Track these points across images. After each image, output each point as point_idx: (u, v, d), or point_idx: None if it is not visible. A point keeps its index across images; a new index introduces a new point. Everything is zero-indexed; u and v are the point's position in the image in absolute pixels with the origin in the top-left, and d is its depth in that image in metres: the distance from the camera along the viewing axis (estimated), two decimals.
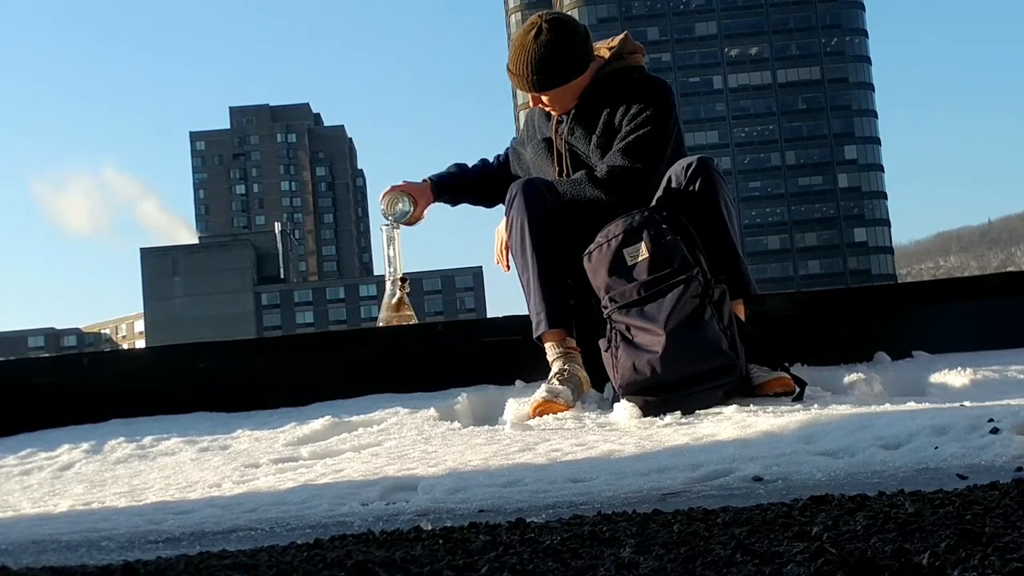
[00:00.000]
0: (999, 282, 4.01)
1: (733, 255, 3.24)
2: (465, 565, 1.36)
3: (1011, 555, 1.19)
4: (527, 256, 3.28)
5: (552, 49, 3.31)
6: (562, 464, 2.32)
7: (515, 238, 3.32)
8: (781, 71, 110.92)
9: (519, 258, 3.32)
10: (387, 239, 4.02)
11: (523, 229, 3.28)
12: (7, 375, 4.03)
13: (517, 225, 3.30)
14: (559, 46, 3.32)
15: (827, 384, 3.21)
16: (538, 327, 3.28)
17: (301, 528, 1.91)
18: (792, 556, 1.26)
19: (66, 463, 3.11)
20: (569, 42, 3.34)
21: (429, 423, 3.11)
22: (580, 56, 3.36)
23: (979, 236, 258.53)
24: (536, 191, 3.32)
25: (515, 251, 3.34)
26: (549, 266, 3.27)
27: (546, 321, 3.25)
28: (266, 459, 2.80)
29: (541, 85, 3.35)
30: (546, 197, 3.32)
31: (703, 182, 3.19)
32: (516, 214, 3.31)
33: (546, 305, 3.25)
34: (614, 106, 3.38)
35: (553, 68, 3.33)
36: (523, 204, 3.29)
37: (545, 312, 3.25)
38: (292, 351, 4.12)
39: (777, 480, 2.01)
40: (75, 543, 1.91)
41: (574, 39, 3.35)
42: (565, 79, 3.34)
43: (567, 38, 3.34)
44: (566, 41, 3.33)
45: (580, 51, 3.36)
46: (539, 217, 3.28)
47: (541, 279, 3.26)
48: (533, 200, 3.29)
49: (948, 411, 2.43)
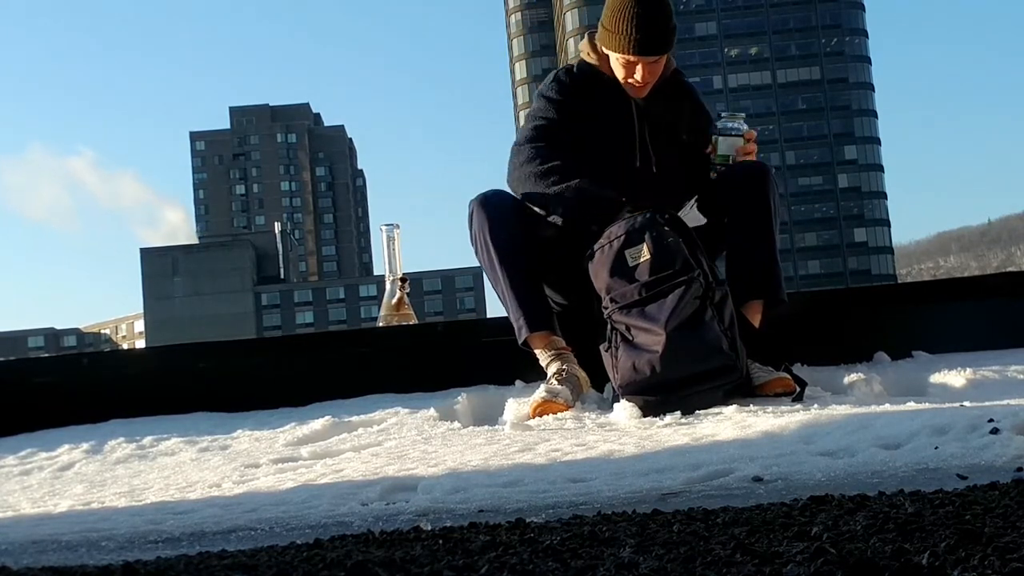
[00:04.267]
0: (999, 282, 4.01)
1: (770, 257, 3.28)
2: (465, 565, 1.36)
3: (1011, 555, 1.19)
4: (495, 267, 3.29)
5: (668, 10, 3.26)
6: (562, 464, 2.32)
7: (481, 253, 3.33)
8: (781, 71, 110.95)
9: (490, 273, 3.34)
10: (387, 239, 4.02)
11: (486, 242, 3.29)
12: (7, 375, 4.03)
13: (480, 240, 3.32)
14: (670, 9, 3.28)
15: (827, 384, 3.21)
16: (520, 333, 3.29)
17: (301, 528, 1.91)
18: (792, 556, 1.26)
19: (66, 463, 3.11)
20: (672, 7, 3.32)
21: (429, 423, 3.11)
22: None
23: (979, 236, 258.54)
24: (494, 201, 3.32)
25: (484, 266, 3.36)
26: (519, 273, 3.28)
27: (526, 326, 3.27)
28: (266, 459, 2.79)
29: (670, 40, 3.25)
30: (507, 208, 3.31)
31: (759, 183, 3.26)
32: (477, 229, 3.31)
33: (522, 310, 3.27)
34: (687, 103, 3.43)
35: (671, 28, 3.27)
36: (482, 217, 3.30)
37: (523, 317, 3.27)
38: (292, 351, 4.12)
39: (777, 480, 2.01)
40: (75, 543, 1.91)
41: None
42: (673, 43, 3.29)
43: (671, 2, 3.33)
44: (672, 5, 3.32)
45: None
46: (500, 226, 3.28)
47: (513, 286, 3.27)
48: (490, 211, 3.30)
49: (948, 411, 2.43)
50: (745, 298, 3.20)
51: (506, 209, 3.32)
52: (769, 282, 3.27)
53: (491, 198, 3.35)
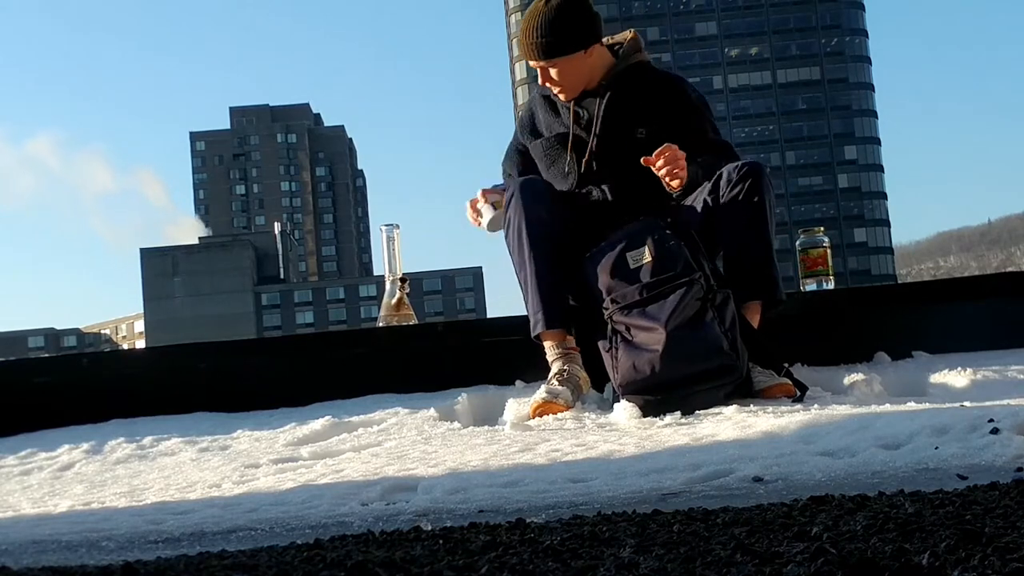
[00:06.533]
0: (999, 282, 4.01)
1: (767, 258, 3.25)
2: (465, 565, 1.36)
3: (1011, 555, 1.19)
4: (524, 255, 3.27)
5: (563, 13, 3.28)
6: (562, 464, 2.32)
7: (513, 236, 3.31)
8: (781, 71, 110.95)
9: (516, 256, 3.31)
10: (387, 239, 4.02)
11: (520, 228, 3.27)
12: (7, 375, 4.03)
13: (515, 223, 3.29)
14: (569, 11, 3.28)
15: (827, 384, 3.21)
16: (535, 327, 3.28)
17: (301, 528, 1.91)
18: (792, 556, 1.26)
19: (66, 463, 3.11)
20: (581, 8, 3.31)
21: (429, 423, 3.11)
22: (591, 26, 3.33)
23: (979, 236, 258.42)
24: (535, 189, 3.31)
25: (512, 249, 3.33)
26: (548, 266, 3.26)
27: (543, 321, 3.25)
28: (266, 459, 2.79)
29: (550, 49, 3.28)
30: (545, 196, 3.31)
31: (753, 183, 3.20)
32: (514, 213, 3.30)
33: (543, 305, 3.25)
34: (652, 99, 3.37)
35: (564, 32, 3.28)
36: (520, 203, 3.28)
37: (543, 312, 3.25)
38: (292, 351, 4.12)
39: (777, 480, 2.01)
40: (75, 543, 1.91)
41: (586, 7, 3.33)
42: (575, 46, 3.29)
43: (579, 4, 3.31)
44: (578, 7, 3.31)
45: (591, 21, 3.34)
46: (537, 216, 3.27)
47: (539, 279, 3.25)
48: (531, 199, 3.29)
49: (948, 411, 2.43)
50: (743, 299, 3.20)
51: (545, 198, 3.32)
52: (766, 283, 3.25)
53: (534, 184, 3.34)
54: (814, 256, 4.03)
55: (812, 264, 4.03)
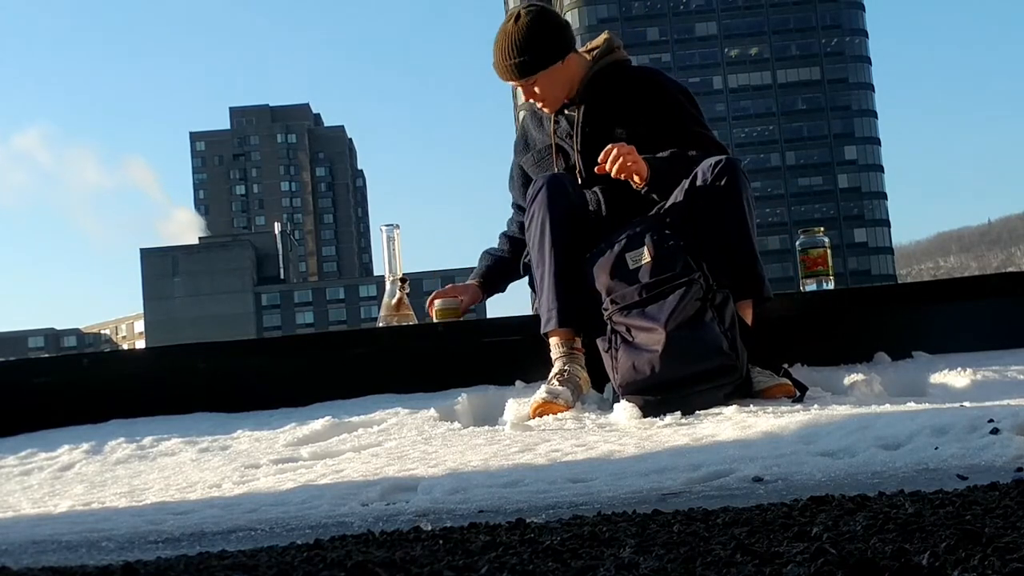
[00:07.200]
0: (999, 282, 4.01)
1: (751, 255, 3.23)
2: (465, 565, 1.36)
3: (1011, 555, 1.19)
4: (545, 252, 3.28)
5: (533, 29, 3.35)
6: (562, 464, 2.32)
7: (535, 232, 3.31)
8: (781, 71, 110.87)
9: (536, 252, 3.32)
10: (387, 239, 4.02)
11: (543, 225, 3.28)
12: (7, 375, 4.03)
13: (538, 220, 3.30)
14: (539, 27, 3.36)
15: (827, 384, 3.21)
16: (547, 324, 3.27)
17: (301, 528, 1.91)
18: (792, 556, 1.26)
19: (66, 463, 3.11)
20: (549, 22, 3.39)
21: (429, 423, 3.11)
22: (562, 38, 3.40)
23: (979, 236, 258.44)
24: (561, 187, 3.32)
25: (533, 245, 3.33)
26: (566, 265, 3.26)
27: (556, 319, 3.25)
28: (266, 459, 2.79)
29: (528, 68, 3.35)
30: (570, 194, 3.32)
31: (728, 181, 3.17)
32: (538, 209, 3.30)
33: (558, 303, 3.25)
34: (629, 98, 3.40)
35: (538, 48, 3.34)
36: (546, 200, 3.29)
37: (556, 310, 3.25)
38: (292, 351, 4.12)
39: (777, 480, 2.01)
40: (75, 543, 1.91)
41: (553, 19, 3.42)
42: (551, 58, 3.35)
43: (546, 18, 3.39)
44: (545, 21, 3.38)
45: (561, 33, 3.41)
46: (561, 214, 3.28)
47: (556, 277, 3.25)
48: (557, 196, 3.29)
49: (948, 411, 2.43)
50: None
51: (570, 197, 3.32)
52: (752, 282, 3.22)
53: (559, 181, 3.34)
54: (814, 256, 4.03)
55: (812, 264, 4.03)
